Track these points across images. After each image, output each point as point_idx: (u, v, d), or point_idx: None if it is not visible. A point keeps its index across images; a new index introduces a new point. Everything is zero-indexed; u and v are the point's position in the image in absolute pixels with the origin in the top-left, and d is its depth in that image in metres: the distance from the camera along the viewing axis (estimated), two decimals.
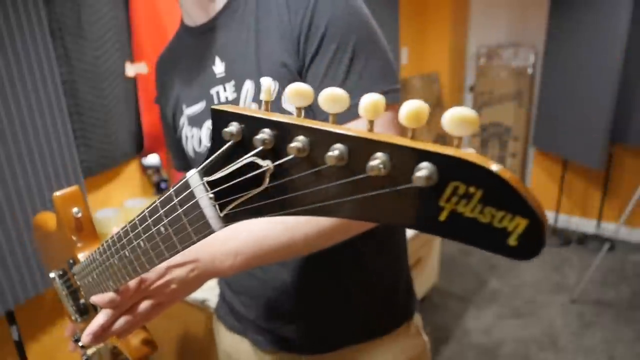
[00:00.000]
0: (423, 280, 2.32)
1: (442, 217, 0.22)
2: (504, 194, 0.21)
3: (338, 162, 0.25)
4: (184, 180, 0.36)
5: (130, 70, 1.64)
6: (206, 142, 0.73)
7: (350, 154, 0.25)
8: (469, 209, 0.21)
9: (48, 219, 0.74)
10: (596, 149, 2.60)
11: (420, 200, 0.23)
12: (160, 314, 0.58)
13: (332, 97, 0.27)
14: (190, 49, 0.75)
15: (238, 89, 0.67)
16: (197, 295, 1.37)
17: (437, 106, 3.36)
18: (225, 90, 0.69)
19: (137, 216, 0.44)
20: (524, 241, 0.21)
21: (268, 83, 0.30)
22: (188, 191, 0.36)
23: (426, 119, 0.23)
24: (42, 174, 1.36)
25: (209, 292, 1.39)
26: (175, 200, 0.38)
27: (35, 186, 1.34)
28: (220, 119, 0.31)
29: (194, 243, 0.39)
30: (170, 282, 0.56)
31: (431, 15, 3.37)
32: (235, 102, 0.68)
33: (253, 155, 0.29)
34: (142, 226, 0.43)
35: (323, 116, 0.60)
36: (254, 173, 0.30)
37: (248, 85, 0.66)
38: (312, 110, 0.63)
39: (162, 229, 0.41)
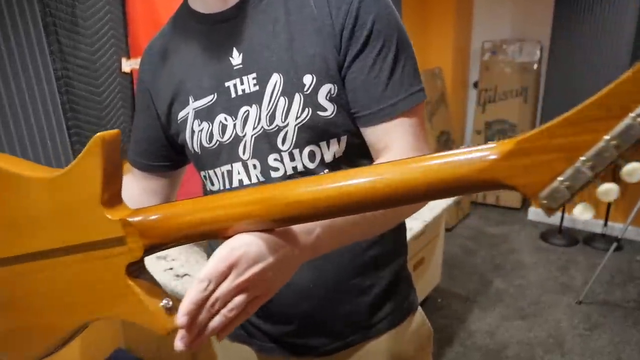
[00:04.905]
0: (426, 281, 2.28)
1: None
2: None
3: None
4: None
5: (127, 66, 1.62)
6: (218, 137, 0.68)
7: None
8: None
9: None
10: None
11: None
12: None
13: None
14: (202, 38, 0.70)
15: (261, 82, 0.65)
16: None
17: (441, 102, 3.32)
18: (242, 83, 0.66)
19: None
20: None
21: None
22: None
23: None
24: None
25: None
26: None
27: None
28: None
29: None
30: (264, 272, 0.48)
31: (434, 9, 3.34)
32: (258, 95, 0.65)
33: None
34: None
35: (355, 108, 0.65)
36: None
37: (276, 78, 0.64)
38: (344, 101, 0.65)
39: None
